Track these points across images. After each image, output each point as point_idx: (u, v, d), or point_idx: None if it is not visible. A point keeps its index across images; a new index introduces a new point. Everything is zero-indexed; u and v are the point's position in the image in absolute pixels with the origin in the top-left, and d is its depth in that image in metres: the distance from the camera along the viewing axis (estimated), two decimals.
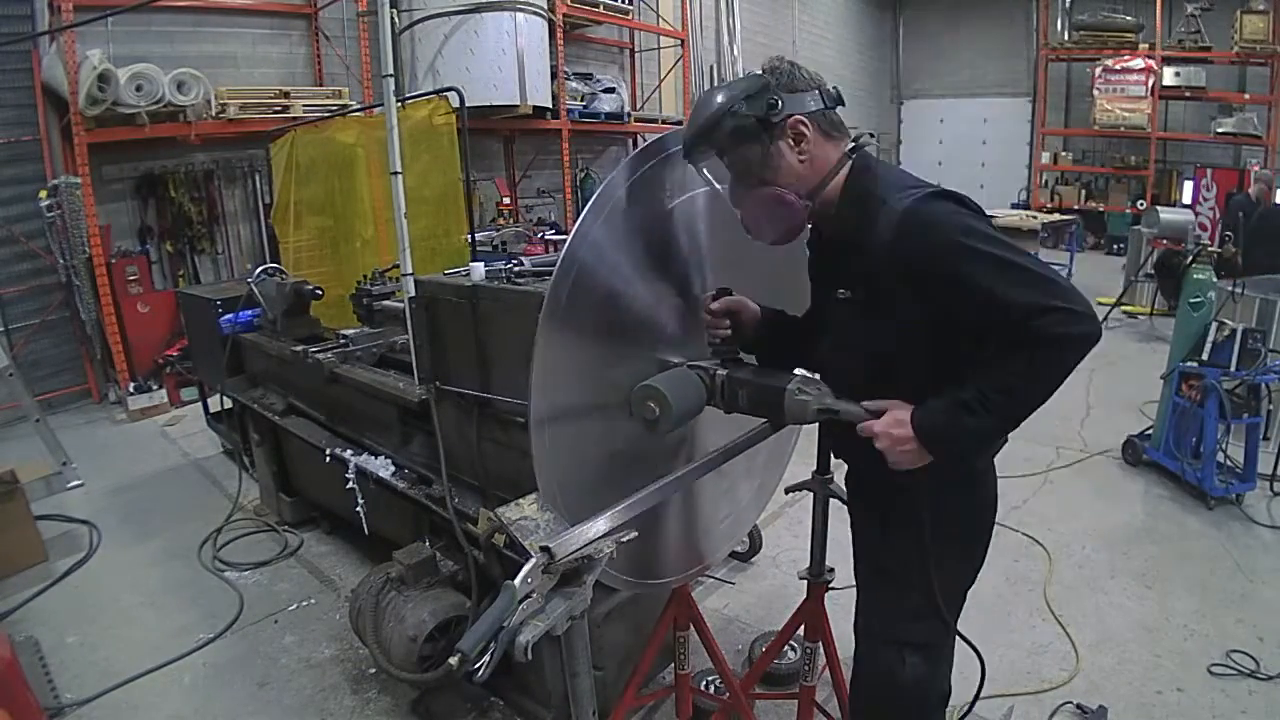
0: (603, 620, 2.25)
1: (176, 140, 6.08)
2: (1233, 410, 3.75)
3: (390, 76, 2.49)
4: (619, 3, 9.17)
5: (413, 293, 2.43)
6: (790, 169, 1.40)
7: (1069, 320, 1.23)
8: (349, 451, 3.02)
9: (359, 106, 6.54)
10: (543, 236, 6.15)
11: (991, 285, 1.25)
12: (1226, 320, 4.01)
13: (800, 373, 1.50)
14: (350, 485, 2.96)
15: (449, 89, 3.77)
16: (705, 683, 2.49)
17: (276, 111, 6.36)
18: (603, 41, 10.40)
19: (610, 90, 9.22)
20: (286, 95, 6.50)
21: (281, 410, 3.62)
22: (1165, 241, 7.54)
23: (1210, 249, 5.70)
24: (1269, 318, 4.63)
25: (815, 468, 1.77)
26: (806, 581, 1.88)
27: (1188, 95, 12.77)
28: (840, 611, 2.01)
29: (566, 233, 1.79)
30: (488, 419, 2.39)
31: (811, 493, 1.79)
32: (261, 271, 3.73)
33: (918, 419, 1.35)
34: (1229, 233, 6.05)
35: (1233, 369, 3.77)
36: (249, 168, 6.82)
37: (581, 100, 8.88)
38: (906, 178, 1.43)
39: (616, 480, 1.55)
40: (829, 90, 1.43)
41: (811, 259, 1.63)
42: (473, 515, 2.41)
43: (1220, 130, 12.62)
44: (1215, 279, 4.33)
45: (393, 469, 2.83)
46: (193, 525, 3.88)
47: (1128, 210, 12.97)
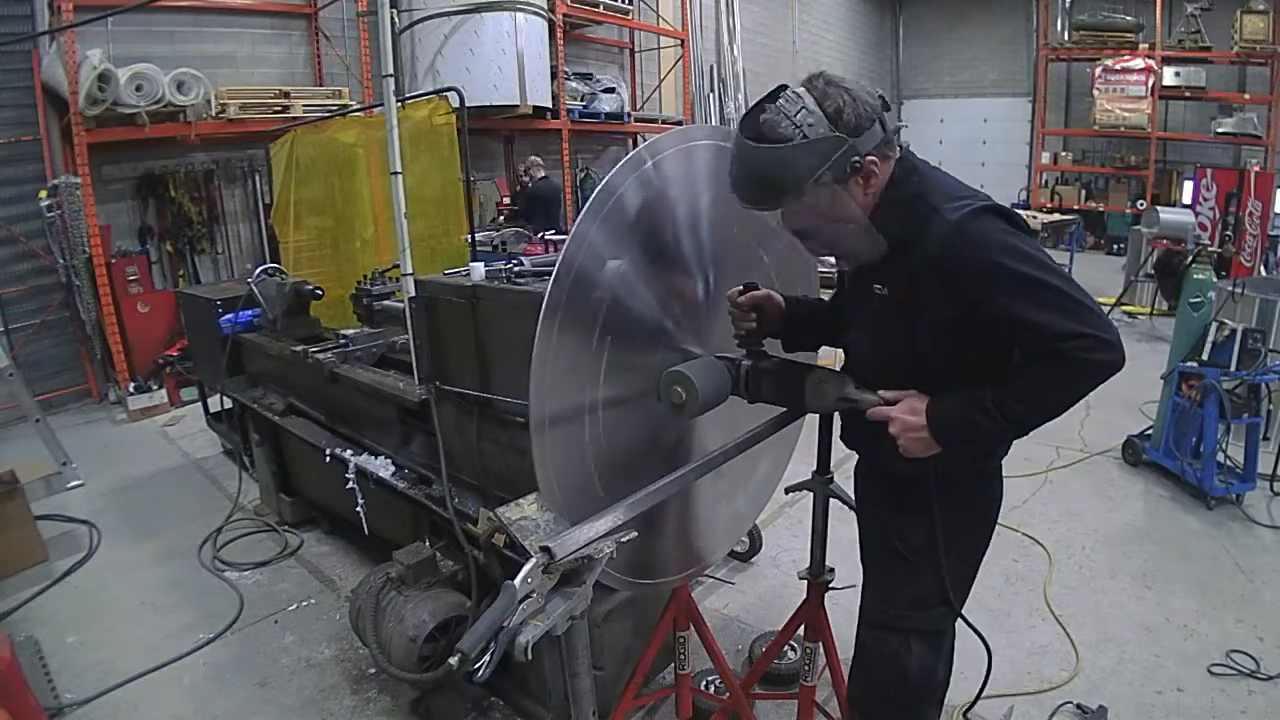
0: (603, 620, 2.25)
1: (176, 140, 6.09)
2: (1233, 410, 3.75)
3: (390, 76, 2.49)
4: (619, 3, 9.18)
5: (413, 293, 2.43)
6: (856, 203, 1.39)
7: (1096, 347, 1.27)
8: (349, 451, 3.02)
9: (359, 106, 6.54)
10: (543, 236, 6.15)
11: (1027, 306, 1.29)
12: (1226, 320, 4.01)
13: (822, 364, 1.57)
14: (350, 485, 2.96)
15: (449, 89, 3.77)
16: (705, 683, 2.49)
17: (276, 111, 6.36)
18: (603, 41, 10.40)
19: (610, 90, 9.23)
20: (286, 95, 6.50)
21: (281, 410, 3.62)
22: (1165, 241, 7.55)
23: (1210, 249, 5.70)
24: (1269, 318, 4.63)
25: (815, 468, 1.77)
26: (806, 581, 1.88)
27: (1188, 95, 12.77)
28: (840, 611, 2.01)
29: (566, 232, 1.79)
30: (488, 419, 2.39)
31: (811, 493, 1.79)
32: (261, 271, 3.73)
33: (933, 410, 1.39)
34: None
35: (1233, 369, 3.77)
36: (249, 168, 6.82)
37: (581, 100, 8.88)
38: (955, 185, 1.43)
39: (617, 480, 1.56)
40: (884, 109, 1.39)
41: None
42: (473, 515, 2.41)
43: (1220, 130, 12.62)
44: (1215, 279, 4.33)
45: (393, 469, 2.83)
46: (193, 525, 3.88)
47: (1128, 210, 12.97)
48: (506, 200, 8.31)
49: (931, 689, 1.68)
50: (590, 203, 1.47)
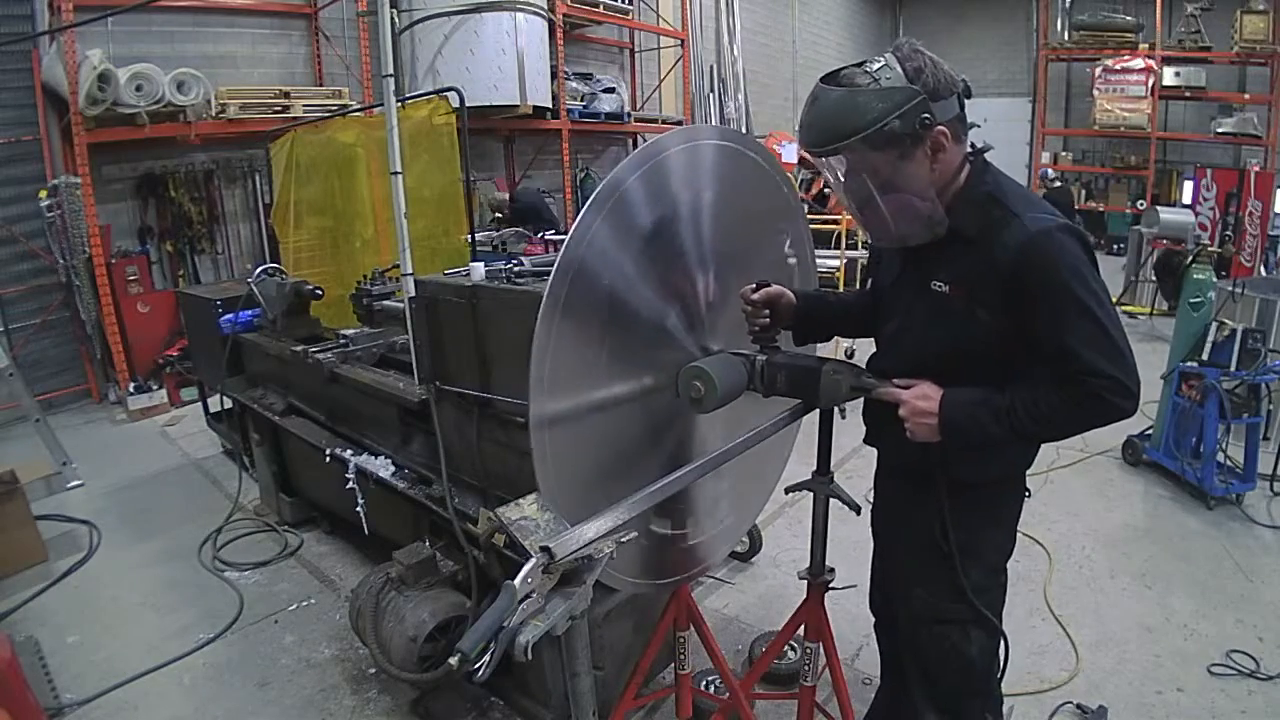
0: (603, 620, 2.25)
1: (176, 140, 6.08)
2: (1233, 410, 3.75)
3: (390, 76, 2.49)
4: (619, 3, 9.18)
5: (413, 293, 2.43)
6: (921, 176, 1.38)
7: (1119, 391, 1.33)
8: (349, 451, 3.02)
9: (359, 106, 6.55)
10: (543, 236, 6.15)
11: (1074, 333, 1.33)
12: (1226, 320, 4.01)
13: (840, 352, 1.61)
14: (350, 485, 2.96)
15: (449, 89, 3.77)
16: (705, 683, 2.49)
17: (276, 111, 6.36)
18: (603, 41, 10.40)
19: (610, 90, 9.22)
20: (286, 95, 6.50)
21: (281, 410, 3.62)
22: (1165, 241, 7.55)
23: (1210, 249, 5.69)
24: (1269, 318, 4.63)
25: (815, 468, 1.77)
26: (806, 581, 1.88)
27: (1188, 95, 12.78)
28: (840, 611, 2.01)
29: (566, 233, 1.79)
30: (488, 419, 2.39)
31: (811, 493, 1.79)
32: (261, 271, 3.73)
33: (946, 401, 1.42)
34: None
35: (1233, 369, 3.77)
36: (249, 168, 6.82)
37: (581, 100, 8.88)
38: (1031, 195, 1.46)
39: (616, 480, 1.55)
40: (963, 88, 1.40)
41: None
42: (473, 515, 2.41)
43: (1220, 130, 12.62)
44: (1215, 279, 4.33)
45: (393, 469, 2.83)
46: (193, 525, 3.88)
47: (1128, 210, 12.97)
48: (499, 216, 8.28)
49: (995, 670, 1.73)
50: (592, 199, 1.47)
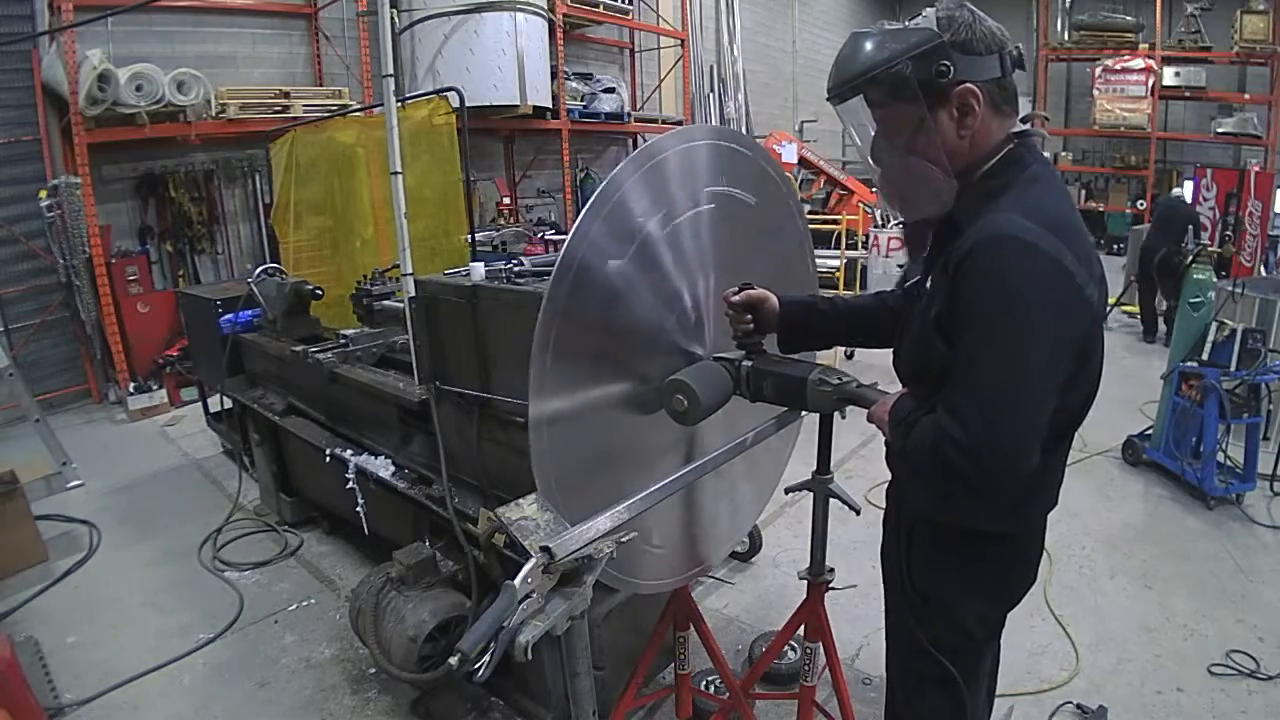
0: (603, 620, 2.25)
1: (176, 140, 6.09)
2: (1233, 410, 3.75)
3: (390, 76, 2.49)
4: (619, 3, 9.18)
5: (413, 293, 2.43)
6: (946, 143, 1.23)
7: (961, 455, 1.12)
8: (349, 451, 3.02)
9: (359, 106, 6.54)
10: (543, 236, 6.16)
11: (963, 356, 1.16)
12: (1226, 320, 4.01)
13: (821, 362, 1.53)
14: (350, 485, 2.96)
15: (449, 89, 3.77)
16: (705, 683, 2.49)
17: (276, 111, 6.36)
18: (603, 41, 10.40)
19: (610, 90, 9.22)
20: (286, 95, 6.50)
21: (281, 410, 3.62)
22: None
23: (1210, 249, 5.69)
24: (1269, 318, 4.63)
25: (815, 468, 1.77)
26: (806, 582, 1.88)
27: (1188, 95, 12.79)
28: (840, 612, 2.01)
29: (566, 233, 1.79)
30: (488, 419, 2.39)
31: (811, 493, 1.79)
32: (261, 271, 3.73)
33: (893, 407, 1.34)
34: None
35: (1233, 369, 3.77)
36: (249, 168, 6.82)
37: (581, 100, 8.88)
38: (1048, 199, 1.22)
39: (616, 480, 1.55)
40: (1012, 53, 1.23)
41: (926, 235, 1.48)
42: (473, 515, 2.41)
43: (1220, 130, 12.63)
44: (1215, 279, 4.33)
45: (393, 469, 2.83)
46: (193, 525, 3.88)
47: (1128, 210, 12.97)
48: (506, 201, 8.33)
49: None
50: (592, 201, 1.47)
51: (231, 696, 2.67)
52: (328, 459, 3.11)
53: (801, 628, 1.93)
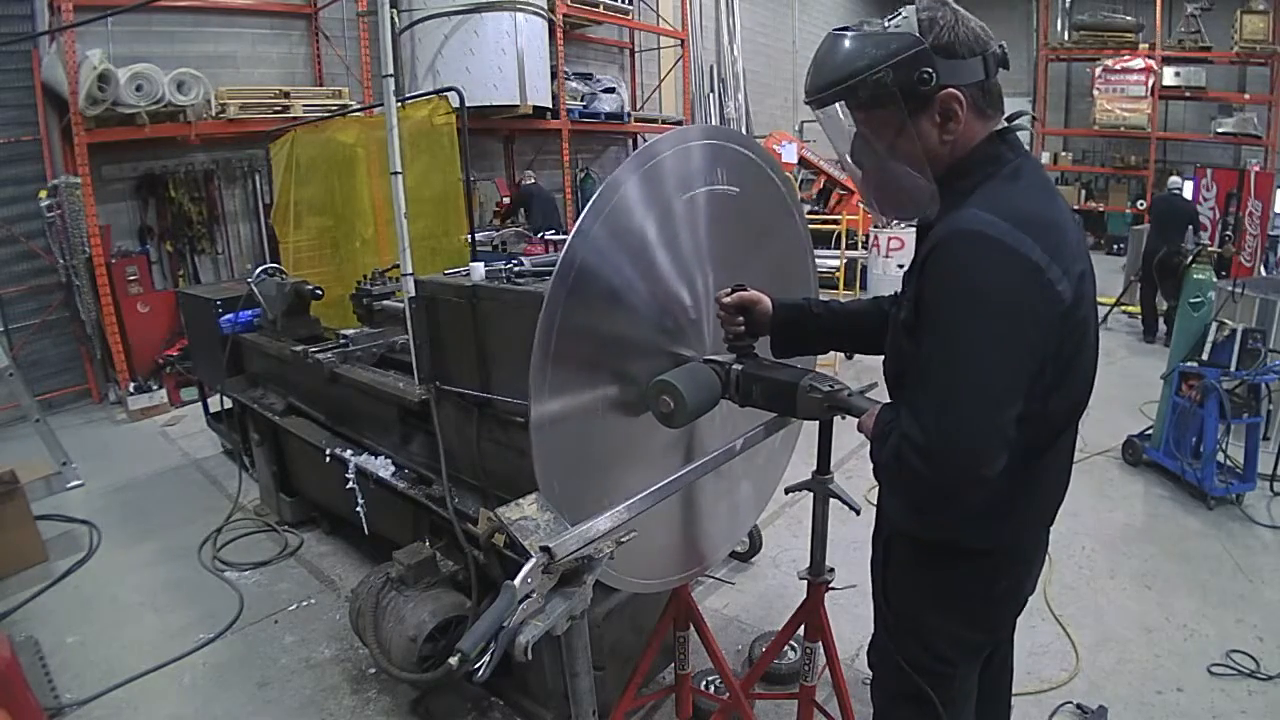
0: (603, 620, 2.25)
1: (176, 140, 6.09)
2: (1233, 410, 3.75)
3: (390, 76, 2.49)
4: (619, 3, 9.18)
5: (413, 293, 2.43)
6: (927, 149, 1.20)
7: (916, 450, 1.09)
8: (349, 451, 3.02)
9: (359, 106, 6.55)
10: (543, 236, 6.16)
11: (925, 354, 1.13)
12: (1226, 320, 4.01)
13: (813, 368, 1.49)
14: (350, 485, 2.96)
15: (449, 89, 3.76)
16: (705, 683, 2.49)
17: (276, 111, 6.37)
18: (603, 41, 10.40)
19: (610, 90, 9.23)
20: (286, 95, 6.50)
21: (281, 410, 3.62)
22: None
23: (1210, 249, 5.69)
24: (1269, 318, 4.63)
25: (815, 468, 1.77)
26: (806, 582, 1.88)
27: (1188, 95, 12.80)
28: (840, 612, 2.01)
29: (566, 233, 1.79)
30: (488, 419, 2.39)
31: (811, 493, 1.79)
32: (261, 271, 3.73)
33: (876, 417, 1.28)
34: None
35: (1233, 369, 3.77)
36: (249, 168, 6.82)
37: (581, 100, 8.89)
38: (1022, 195, 1.18)
39: (616, 480, 1.55)
40: (995, 53, 1.19)
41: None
42: (473, 515, 2.41)
43: (1220, 130, 12.64)
44: (1215, 279, 4.33)
45: (393, 469, 2.83)
46: (193, 525, 3.88)
47: (1128, 210, 12.97)
48: (506, 200, 8.37)
49: None
50: (593, 200, 1.47)
51: (231, 696, 2.67)
52: (328, 459, 3.11)
53: (801, 628, 1.93)
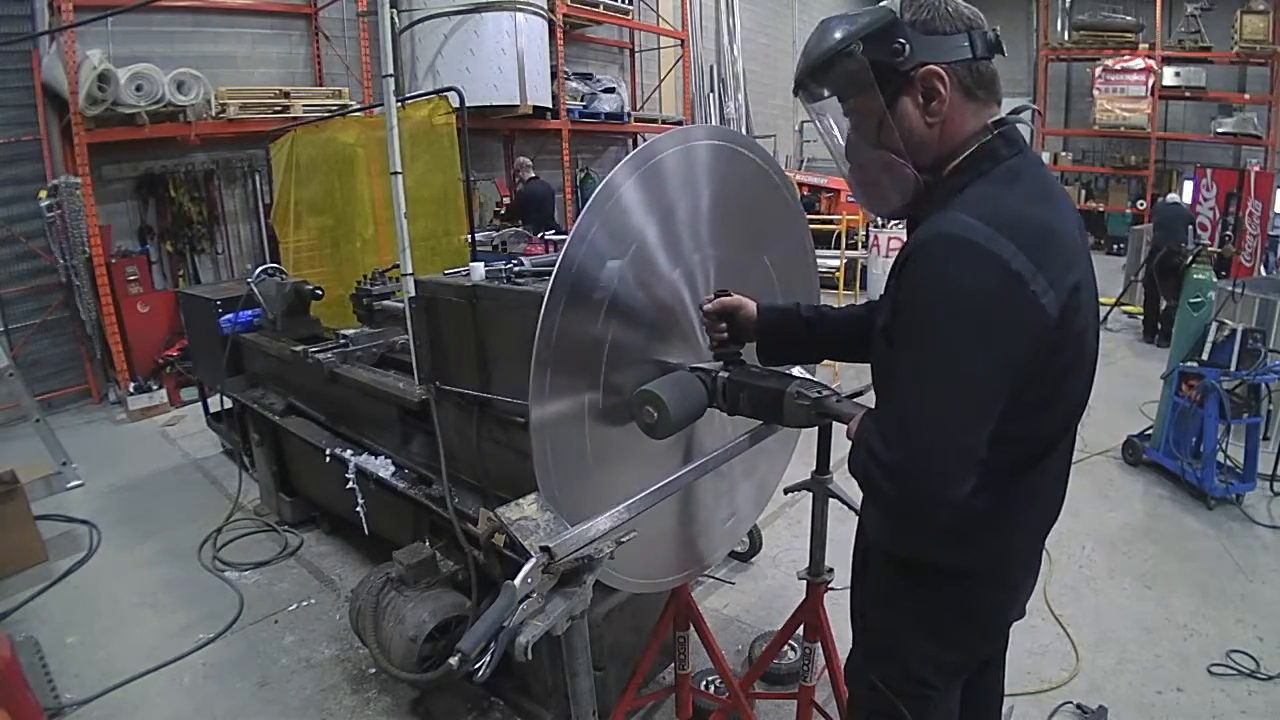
0: (603, 620, 2.25)
1: (176, 140, 6.08)
2: (1233, 410, 3.76)
3: (390, 76, 2.49)
4: (619, 3, 9.18)
5: (413, 293, 2.43)
6: (911, 132, 1.13)
7: (886, 487, 1.04)
8: (349, 451, 3.02)
9: (359, 106, 6.55)
10: (543, 236, 6.15)
11: (901, 363, 1.07)
12: (1226, 320, 4.01)
13: (801, 374, 1.46)
14: (350, 485, 2.96)
15: (449, 89, 3.77)
16: (705, 683, 2.49)
17: (276, 111, 6.36)
18: (603, 41, 10.40)
19: (610, 90, 9.23)
20: (286, 95, 6.50)
21: (281, 410, 3.62)
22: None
23: (1210, 249, 5.69)
24: (1269, 318, 4.63)
25: (815, 468, 1.77)
26: (806, 581, 1.88)
27: (1188, 95, 12.80)
28: (840, 611, 2.01)
29: (566, 233, 1.78)
30: (488, 419, 2.39)
31: (811, 493, 1.79)
32: (261, 271, 3.73)
33: (858, 423, 1.23)
34: None
35: (1233, 369, 3.77)
36: (249, 168, 6.82)
37: (581, 100, 8.88)
38: (1015, 196, 1.09)
39: (617, 480, 1.55)
40: (985, 33, 1.12)
41: None
42: (473, 515, 2.41)
43: (1220, 130, 12.64)
44: (1215, 279, 4.33)
45: (393, 469, 2.83)
46: (193, 525, 3.88)
47: (1128, 210, 12.97)
48: (506, 200, 8.33)
49: None
50: (591, 201, 1.46)
51: (231, 696, 2.67)
52: (328, 459, 3.11)
53: (801, 628, 1.93)
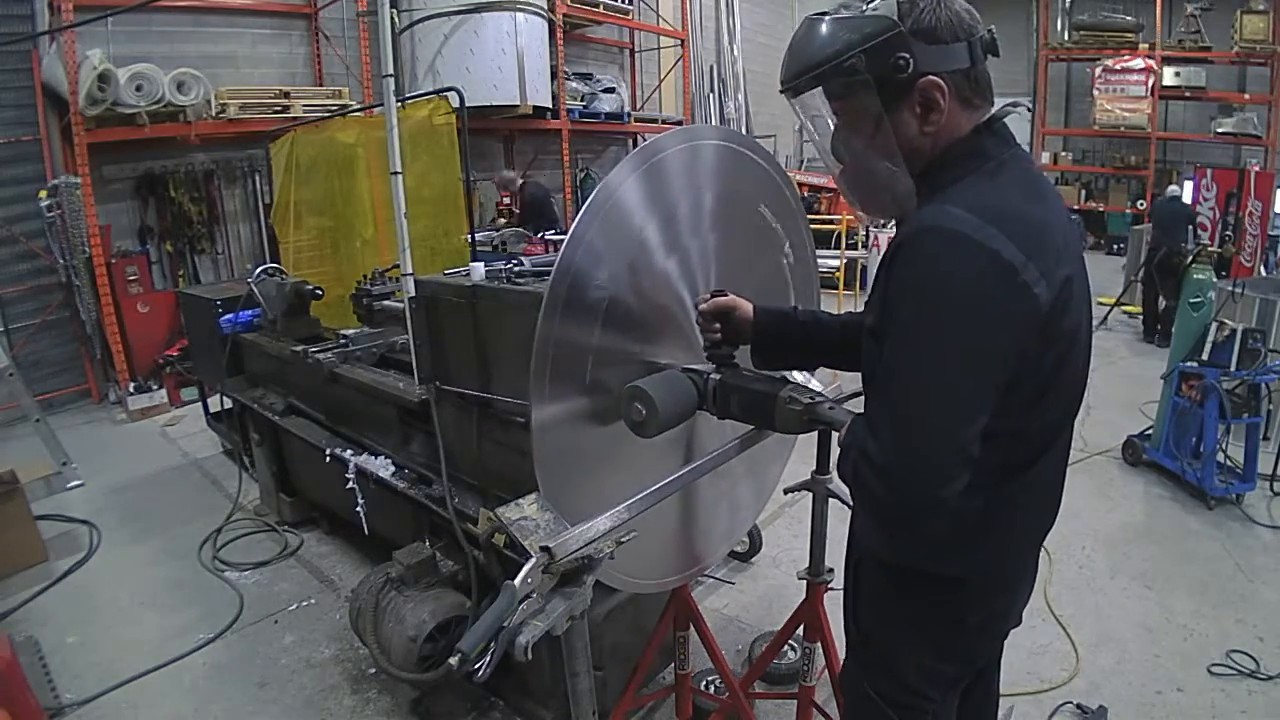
0: (603, 620, 2.25)
1: (176, 140, 6.09)
2: (1233, 410, 3.76)
3: (390, 76, 2.49)
4: (619, 3, 9.18)
5: (413, 293, 2.43)
6: (906, 142, 1.10)
7: (877, 488, 1.01)
8: (349, 451, 3.02)
9: (359, 106, 6.55)
10: (543, 236, 6.15)
11: (893, 359, 1.03)
12: (1226, 320, 4.01)
13: (798, 377, 1.46)
14: (350, 485, 2.96)
15: (449, 89, 3.77)
16: (705, 683, 2.49)
17: (276, 111, 6.36)
18: (603, 41, 10.40)
19: (610, 90, 9.23)
20: (286, 95, 6.50)
21: (281, 410, 3.62)
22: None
23: (1210, 249, 5.69)
24: (1269, 318, 4.63)
25: (815, 468, 1.77)
26: (806, 581, 1.88)
27: (1188, 95, 12.79)
28: (839, 611, 2.01)
29: (566, 233, 1.77)
30: (488, 419, 2.39)
31: (811, 493, 1.79)
32: (261, 271, 3.73)
33: (846, 430, 1.20)
34: None
35: (1233, 369, 3.77)
36: (249, 168, 6.82)
37: (581, 100, 8.88)
38: (1002, 190, 1.07)
39: (617, 480, 1.55)
40: (983, 39, 1.08)
41: None
42: (473, 515, 2.41)
43: (1220, 130, 12.63)
44: (1215, 279, 4.33)
45: (393, 469, 2.83)
46: (193, 525, 3.88)
47: (1128, 210, 12.97)
48: (512, 207, 8.30)
49: None
50: (590, 201, 1.46)
51: (231, 696, 2.67)
52: (328, 459, 3.11)
53: (801, 628, 1.93)
